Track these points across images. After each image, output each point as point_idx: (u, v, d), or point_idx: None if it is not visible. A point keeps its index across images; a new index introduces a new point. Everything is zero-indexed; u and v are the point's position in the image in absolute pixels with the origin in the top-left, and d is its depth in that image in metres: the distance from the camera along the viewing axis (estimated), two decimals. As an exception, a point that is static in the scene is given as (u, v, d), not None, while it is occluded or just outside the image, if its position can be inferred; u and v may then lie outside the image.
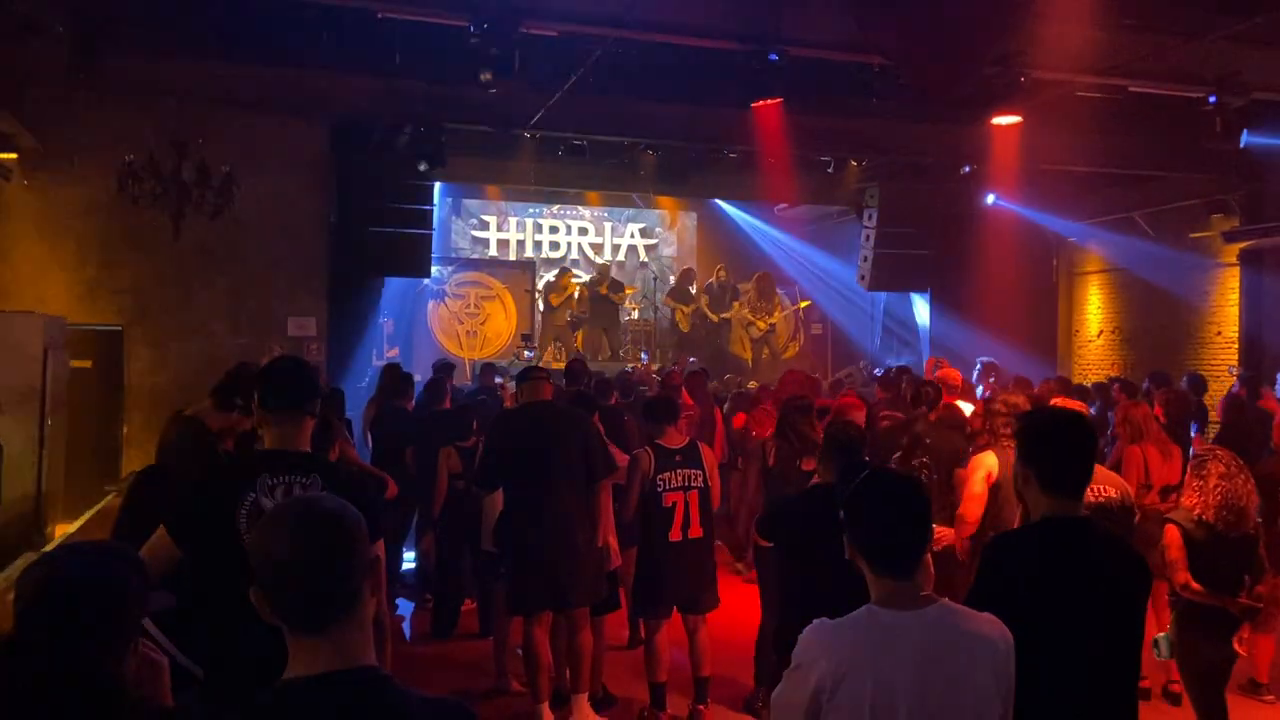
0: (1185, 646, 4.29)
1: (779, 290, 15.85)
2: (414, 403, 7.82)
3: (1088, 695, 2.45)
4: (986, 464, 4.94)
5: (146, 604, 1.97)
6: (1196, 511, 4.29)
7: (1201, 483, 4.31)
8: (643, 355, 14.76)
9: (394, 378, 7.91)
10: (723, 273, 15.90)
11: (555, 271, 15.93)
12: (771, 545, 4.33)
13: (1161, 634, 4.32)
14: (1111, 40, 7.75)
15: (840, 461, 3.99)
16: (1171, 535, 4.31)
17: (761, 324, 15.45)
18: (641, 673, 5.37)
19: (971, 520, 4.88)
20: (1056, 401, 5.01)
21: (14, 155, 8.98)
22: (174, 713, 2.09)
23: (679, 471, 5.22)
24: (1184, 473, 5.65)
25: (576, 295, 15.25)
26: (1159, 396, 7.59)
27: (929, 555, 2.51)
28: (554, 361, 13.78)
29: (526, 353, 14.11)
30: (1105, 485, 4.32)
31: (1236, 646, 4.22)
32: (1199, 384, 9.31)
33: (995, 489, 4.85)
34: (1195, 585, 4.19)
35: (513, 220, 16.54)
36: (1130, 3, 7.35)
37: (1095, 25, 7.43)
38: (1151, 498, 5.71)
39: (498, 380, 9.49)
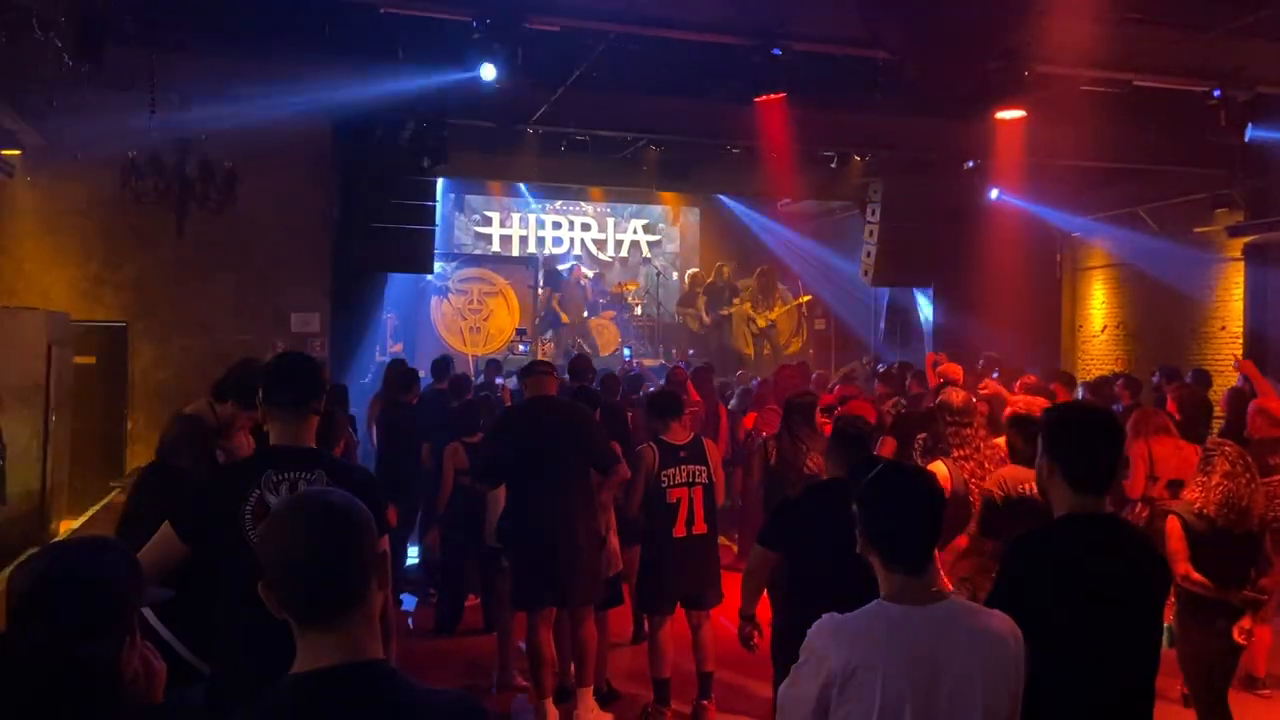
0: (1184, 636, 4.35)
1: (780, 285, 15.83)
2: (417, 398, 7.84)
3: (1107, 692, 2.45)
4: (938, 476, 4.77)
5: (141, 597, 1.98)
6: (1198, 505, 4.34)
7: (1206, 478, 4.36)
8: (625, 351, 14.71)
9: (399, 374, 7.91)
10: (725, 270, 15.88)
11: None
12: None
13: (1164, 624, 4.34)
14: (1116, 34, 7.72)
15: (850, 456, 3.97)
16: (1172, 526, 4.39)
17: (761, 319, 15.44)
18: (645, 668, 5.37)
19: None
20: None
21: (17, 151, 8.98)
22: (177, 708, 2.09)
23: (683, 467, 5.22)
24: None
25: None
26: (1172, 393, 7.53)
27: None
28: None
29: (521, 347, 14.11)
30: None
31: (1237, 637, 4.25)
32: (1204, 379, 9.28)
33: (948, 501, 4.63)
34: (1196, 576, 4.27)
35: (515, 216, 16.52)
36: (1135, -3, 7.33)
37: (1099, 19, 7.41)
38: (1158, 490, 5.70)
39: (499, 381, 9.49)
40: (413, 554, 7.77)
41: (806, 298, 15.67)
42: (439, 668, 6.03)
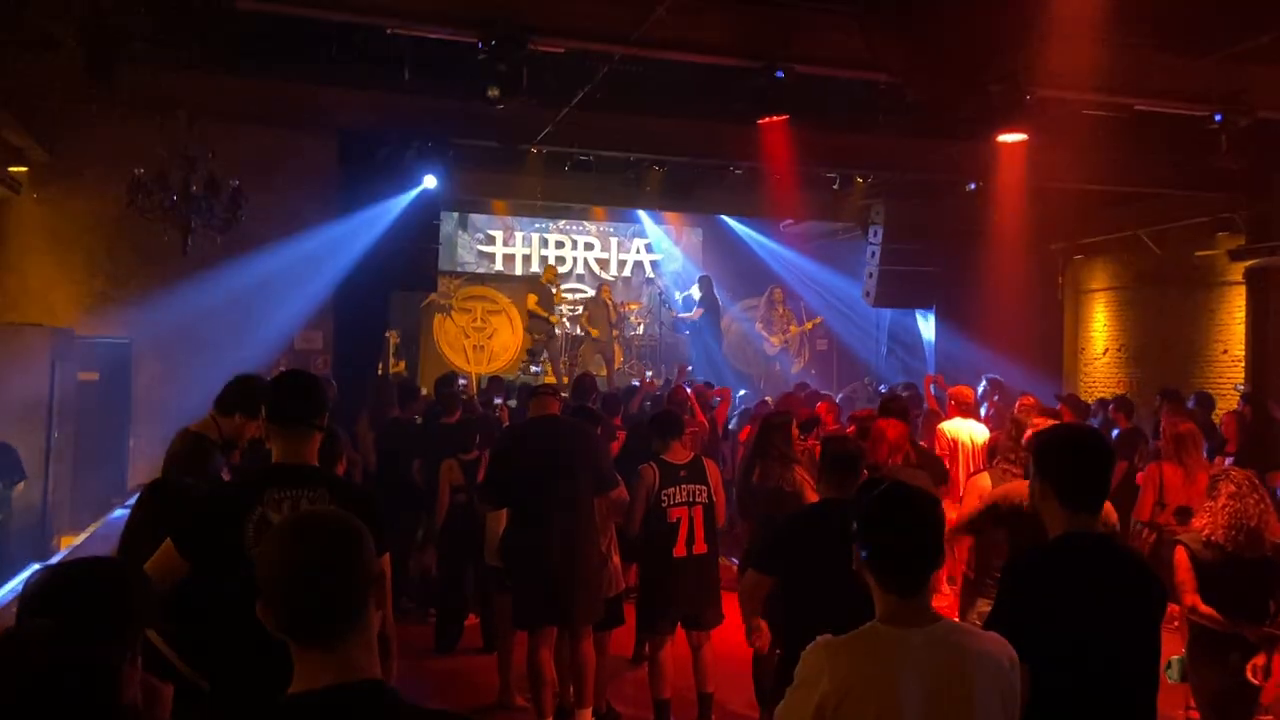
0: (1195, 670, 4.24)
1: (788, 306, 15.87)
2: (418, 415, 7.85)
3: (1106, 712, 2.44)
4: (981, 487, 4.71)
5: (148, 620, 1.99)
6: (1206, 533, 4.21)
7: (1212, 503, 4.24)
8: (648, 373, 14.65)
9: (392, 390, 7.94)
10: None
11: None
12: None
13: (1175, 656, 4.27)
14: (1117, 58, 7.76)
15: (846, 477, 3.96)
16: (1180, 557, 4.25)
17: (776, 340, 15.47)
18: (646, 689, 5.35)
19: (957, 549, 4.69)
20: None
21: (24, 168, 9.05)
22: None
23: (683, 487, 5.22)
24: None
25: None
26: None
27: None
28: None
29: (533, 367, 14.10)
30: None
31: (1249, 675, 4.05)
32: (1207, 402, 9.27)
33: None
34: (1203, 608, 4.13)
35: (519, 235, 16.58)
36: (1135, 21, 7.36)
37: (1100, 43, 7.44)
38: (1165, 517, 5.65)
39: (496, 401, 9.51)
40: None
41: (817, 320, 15.65)
42: (438, 687, 6.01)
